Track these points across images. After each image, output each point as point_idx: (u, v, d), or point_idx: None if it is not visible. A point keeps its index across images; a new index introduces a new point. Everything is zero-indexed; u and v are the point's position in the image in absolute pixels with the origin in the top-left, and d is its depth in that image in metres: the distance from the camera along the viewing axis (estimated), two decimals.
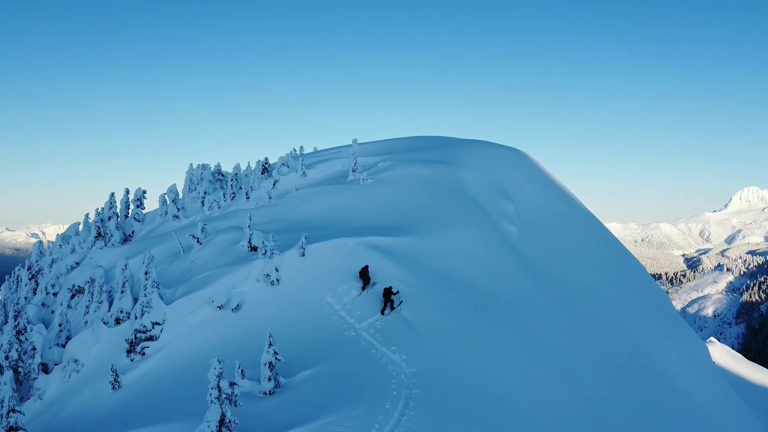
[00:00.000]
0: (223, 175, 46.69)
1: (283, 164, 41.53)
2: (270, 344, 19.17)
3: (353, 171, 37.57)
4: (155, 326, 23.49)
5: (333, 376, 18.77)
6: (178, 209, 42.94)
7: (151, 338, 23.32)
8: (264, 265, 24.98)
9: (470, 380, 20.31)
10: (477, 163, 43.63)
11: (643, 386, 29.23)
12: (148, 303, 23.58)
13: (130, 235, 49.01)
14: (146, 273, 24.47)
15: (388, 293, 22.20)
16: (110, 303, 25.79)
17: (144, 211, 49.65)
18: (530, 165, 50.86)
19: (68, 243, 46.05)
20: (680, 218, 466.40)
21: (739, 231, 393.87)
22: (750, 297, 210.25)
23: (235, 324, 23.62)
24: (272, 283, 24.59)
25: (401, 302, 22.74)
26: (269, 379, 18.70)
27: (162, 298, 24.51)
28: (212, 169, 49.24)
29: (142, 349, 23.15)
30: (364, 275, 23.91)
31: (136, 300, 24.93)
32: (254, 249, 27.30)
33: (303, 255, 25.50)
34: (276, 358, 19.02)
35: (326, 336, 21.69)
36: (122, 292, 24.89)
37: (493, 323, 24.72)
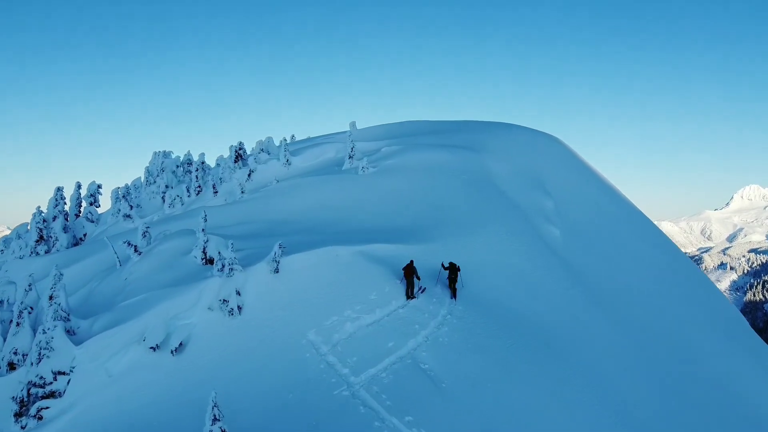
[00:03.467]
0: (190, 165, 40.42)
1: (261, 150, 35.32)
2: (215, 418, 13.00)
3: (350, 158, 31.34)
4: (58, 377, 17.22)
5: None
6: (131, 207, 36.75)
7: (51, 395, 17.06)
8: (220, 286, 18.73)
9: None
10: (506, 149, 37.43)
11: None
12: (47, 343, 17.31)
13: (81, 239, 42.88)
14: (51, 298, 18.23)
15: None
16: (5, 338, 19.54)
17: (100, 210, 43.63)
18: (568, 153, 44.57)
19: (9, 247, 40.23)
20: (681, 216, 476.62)
21: (741, 229, 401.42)
22: (754, 296, 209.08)
23: (175, 373, 17.38)
24: (231, 312, 18.35)
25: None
26: None
27: (73, 334, 18.26)
28: (181, 158, 43.07)
29: (39, 411, 16.88)
30: (410, 274, 19.32)
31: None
32: (210, 262, 21.06)
33: (276, 271, 19.24)
34: None
35: (306, 397, 15.47)
36: (18, 324, 18.61)
37: (547, 369, 18.47)
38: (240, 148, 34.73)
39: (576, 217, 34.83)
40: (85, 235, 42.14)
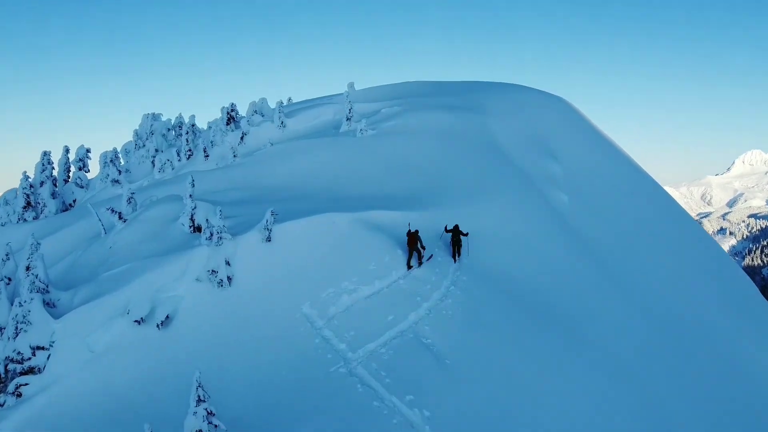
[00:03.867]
0: (181, 128, 38.97)
1: (255, 112, 33.86)
2: (199, 399, 12.15)
3: (348, 120, 29.97)
4: (37, 352, 16.35)
5: None
6: (119, 172, 35.50)
7: (31, 371, 16.23)
8: (208, 255, 17.70)
9: None
10: (511, 111, 35.97)
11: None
12: (24, 317, 16.38)
13: (70, 205, 41.79)
14: (27, 268, 17.22)
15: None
16: None
17: (89, 175, 42.41)
18: (575, 115, 43.06)
19: None
20: (682, 182, 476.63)
21: (741, 194, 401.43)
22: (752, 261, 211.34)
23: (161, 348, 16.51)
24: (220, 283, 17.37)
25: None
26: None
27: (53, 307, 17.32)
28: (172, 121, 41.56)
29: (17, 387, 16.07)
30: (413, 242, 18.38)
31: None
32: (198, 230, 19.98)
33: (269, 240, 18.18)
34: (210, 423, 12.06)
35: (300, 375, 14.62)
36: None
37: (555, 344, 17.62)
38: (232, 110, 33.27)
39: (584, 183, 33.64)
40: (74, 201, 41.02)
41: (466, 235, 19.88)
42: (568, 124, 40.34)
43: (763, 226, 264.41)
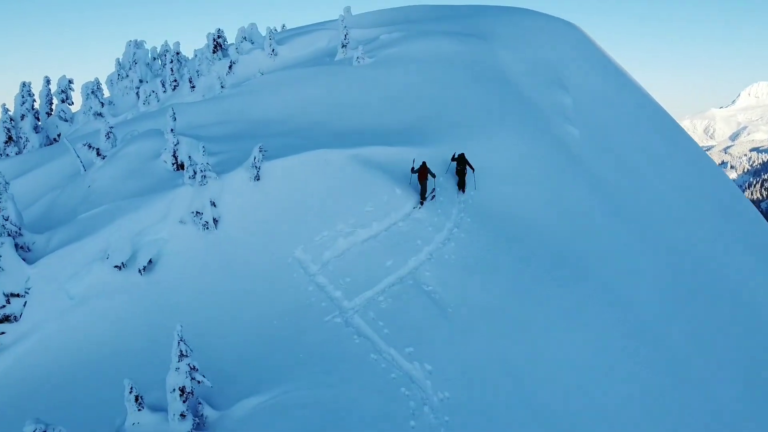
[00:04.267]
0: (178, 54, 36.77)
1: (244, 39, 31.72)
2: (181, 354, 11.34)
3: (343, 47, 28.00)
4: (12, 299, 15.47)
5: (300, 412, 11.08)
6: (102, 104, 33.75)
7: (6, 319, 15.41)
8: (192, 196, 16.52)
9: (544, 402, 12.63)
10: (519, 38, 33.79)
11: None
12: None
13: (55, 140, 40.32)
14: None
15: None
16: None
17: (74, 108, 40.68)
18: (587, 43, 40.66)
19: None
20: (685, 115, 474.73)
21: (745, 128, 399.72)
22: (752, 195, 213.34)
23: (145, 295, 15.64)
24: (206, 226, 16.28)
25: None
26: (182, 416, 11.10)
27: (28, 251, 16.32)
28: (158, 50, 39.34)
29: None
30: (424, 177, 17.28)
31: None
32: (182, 167, 18.72)
33: (257, 179, 16.94)
34: (193, 379, 11.30)
35: (292, 324, 13.77)
36: None
37: (563, 288, 16.72)
38: (219, 37, 31.14)
39: (595, 116, 31.99)
40: (59, 135, 39.55)
41: (473, 169, 18.98)
42: (580, 54, 38.10)
43: (765, 160, 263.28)
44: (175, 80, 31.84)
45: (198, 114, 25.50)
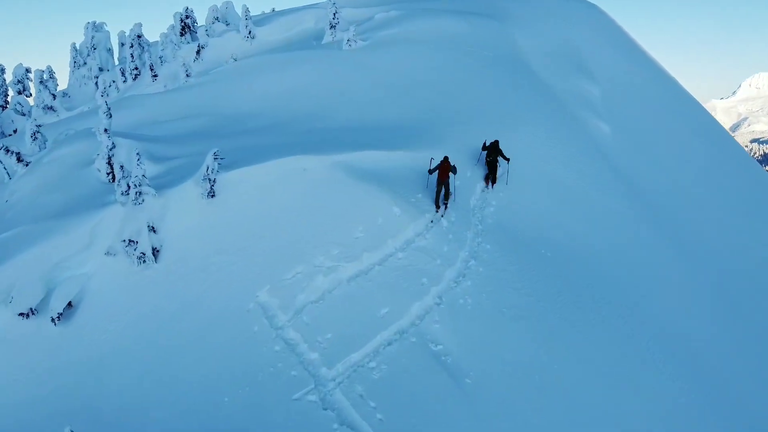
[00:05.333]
0: (139, 38, 32.90)
1: (216, 19, 28.02)
2: None
3: (331, 28, 24.35)
4: None
5: None
6: (53, 96, 30.06)
7: None
8: (124, 218, 12.93)
9: None
10: (536, 18, 30.20)
11: None
12: None
13: (11, 135, 36.52)
14: None
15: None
16: None
17: (32, 101, 36.88)
18: (612, 27, 37.01)
19: None
20: None
21: (745, 119, 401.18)
22: None
23: (59, 353, 12.15)
24: (141, 258, 12.70)
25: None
26: None
27: None
28: (127, 33, 35.42)
29: None
30: (445, 175, 14.42)
31: None
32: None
33: (211, 195, 13.33)
34: None
35: (247, 401, 10.22)
36: None
37: (609, 335, 13.21)
38: (187, 16, 27.42)
39: (625, 108, 28.41)
40: (15, 131, 35.71)
41: (508, 160, 16.66)
42: (605, 38, 34.44)
43: (766, 151, 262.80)
44: (136, 68, 28.17)
45: (157, 108, 21.90)
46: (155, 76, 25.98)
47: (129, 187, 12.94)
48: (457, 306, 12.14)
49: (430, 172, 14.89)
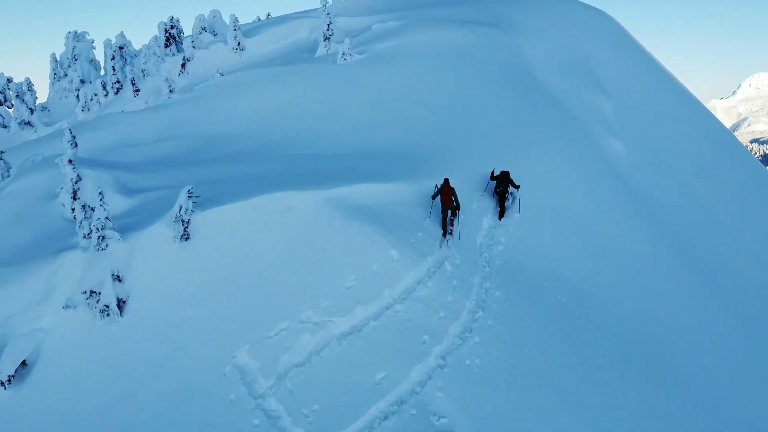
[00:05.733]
0: (122, 49, 31.65)
1: (203, 29, 26.74)
2: None
3: (326, 40, 23.06)
4: None
5: None
6: (31, 110, 28.77)
7: None
8: (86, 265, 11.60)
9: None
10: (545, 28, 28.97)
11: None
12: None
13: None
14: None
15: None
16: None
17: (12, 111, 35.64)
18: (624, 36, 35.78)
19: None
20: None
21: (745, 119, 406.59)
22: None
23: (9, 419, 10.75)
24: (105, 312, 11.38)
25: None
26: None
27: None
28: (112, 43, 34.21)
29: None
30: (448, 200, 13.61)
31: None
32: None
33: (185, 238, 11.99)
34: None
35: None
36: None
37: (644, 402, 11.82)
38: (172, 26, 26.14)
39: (640, 122, 27.19)
40: None
41: (518, 187, 15.65)
42: (612, 44, 33.22)
43: (766, 152, 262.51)
44: (118, 81, 26.87)
45: (136, 127, 20.62)
46: (137, 90, 24.69)
47: (91, 230, 11.59)
48: (464, 369, 10.77)
49: (433, 197, 14.11)
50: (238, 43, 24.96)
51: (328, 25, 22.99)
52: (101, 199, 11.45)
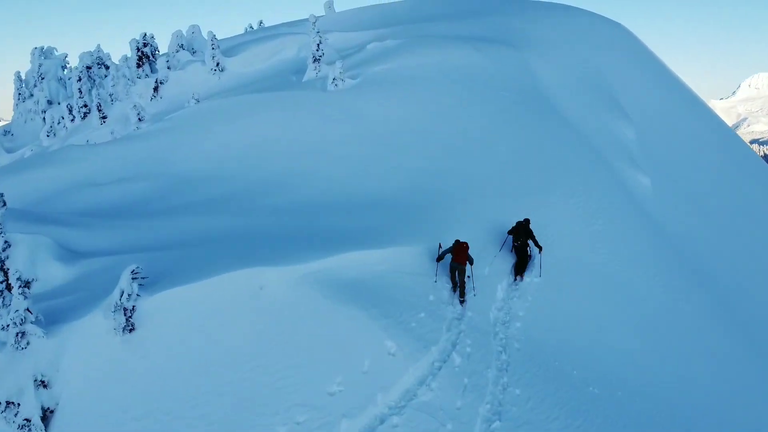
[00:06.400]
0: (103, 67, 29.52)
1: (180, 47, 24.72)
2: None
3: (315, 61, 21.05)
4: None
5: None
6: None
7: None
8: (3, 368, 9.48)
9: None
10: (559, 44, 27.09)
11: None
12: None
13: None
14: None
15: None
16: None
17: None
18: (643, 51, 33.90)
19: None
20: None
21: (745, 119, 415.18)
22: None
23: None
24: (25, 428, 9.22)
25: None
26: None
27: None
28: (75, 66, 32.23)
29: None
30: (462, 258, 12.26)
31: None
32: (24, 285, 11.63)
33: (128, 329, 9.87)
34: None
35: None
36: None
37: None
38: (145, 44, 24.09)
39: (665, 150, 25.31)
40: None
41: (540, 248, 13.82)
42: (631, 61, 31.36)
43: (766, 153, 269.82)
44: (85, 105, 24.82)
45: (98, 164, 18.67)
46: (104, 117, 22.64)
47: (8, 325, 9.48)
48: None
49: (438, 259, 12.52)
50: (217, 64, 22.95)
51: (318, 45, 20.97)
52: (21, 287, 9.35)
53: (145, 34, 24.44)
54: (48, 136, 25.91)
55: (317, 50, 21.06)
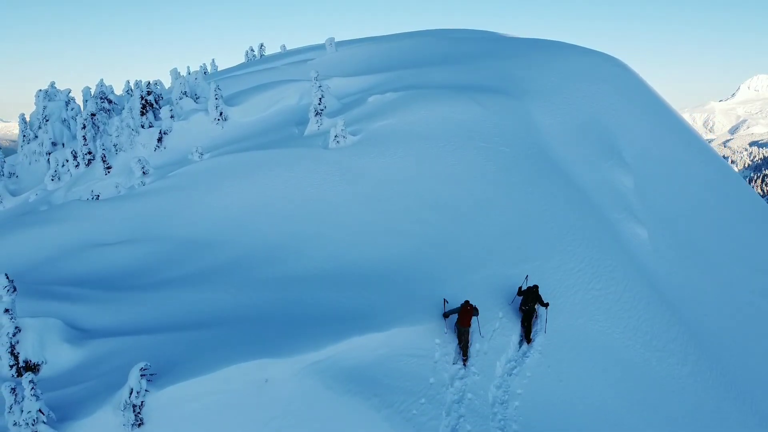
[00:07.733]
0: (94, 116, 29.85)
1: (184, 94, 25.17)
2: None
3: (317, 115, 21.47)
4: None
5: None
6: None
7: None
8: None
9: None
10: (559, 89, 27.56)
11: None
12: None
13: None
14: None
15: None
16: None
17: None
18: (638, 86, 34.29)
19: None
20: (685, 108, 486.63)
21: (744, 121, 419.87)
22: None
23: None
24: None
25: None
26: None
27: None
28: (94, 94, 32.77)
29: None
30: (467, 320, 12.84)
31: None
32: (30, 369, 12.02)
33: (137, 424, 10.17)
34: None
35: None
36: None
37: None
38: (149, 92, 24.52)
39: (664, 197, 25.53)
40: None
41: (546, 305, 14.40)
42: (631, 100, 31.66)
43: (765, 155, 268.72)
44: (90, 152, 25.23)
45: (101, 223, 19.03)
46: (108, 168, 23.04)
47: (15, 423, 9.78)
48: None
49: (445, 316, 13.16)
50: (221, 114, 23.39)
51: (320, 99, 21.39)
52: (33, 389, 9.66)
53: (149, 83, 24.89)
54: (52, 180, 26.29)
55: (319, 104, 21.48)
